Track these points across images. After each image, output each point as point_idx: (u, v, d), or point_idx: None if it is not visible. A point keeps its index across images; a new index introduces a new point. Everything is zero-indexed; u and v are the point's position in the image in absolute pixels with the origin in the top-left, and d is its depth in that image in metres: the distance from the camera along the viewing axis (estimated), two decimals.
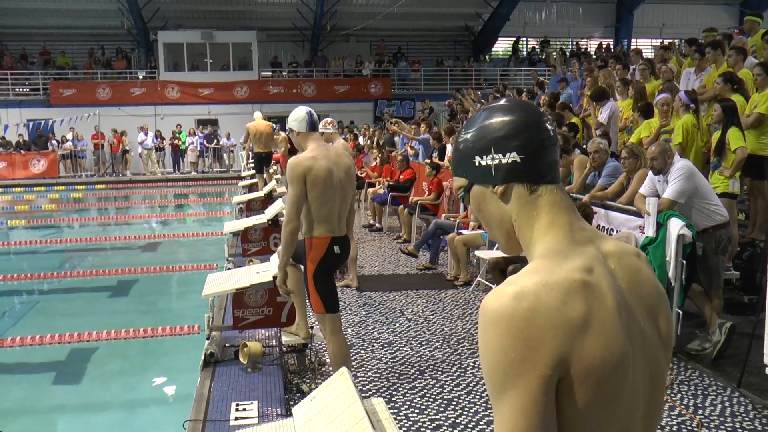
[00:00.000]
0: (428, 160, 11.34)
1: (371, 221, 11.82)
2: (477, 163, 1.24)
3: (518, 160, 1.21)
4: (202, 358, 5.00)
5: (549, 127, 1.25)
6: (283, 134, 14.76)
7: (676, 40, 16.77)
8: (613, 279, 1.16)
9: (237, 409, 4.17)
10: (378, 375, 5.02)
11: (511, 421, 1.05)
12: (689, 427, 4.05)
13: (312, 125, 4.20)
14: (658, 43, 19.40)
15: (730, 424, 4.09)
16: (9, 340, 6.60)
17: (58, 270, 10.12)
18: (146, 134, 23.69)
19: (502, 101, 1.29)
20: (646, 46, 25.63)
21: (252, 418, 4.05)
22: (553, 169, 1.24)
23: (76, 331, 6.69)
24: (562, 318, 1.06)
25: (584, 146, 7.95)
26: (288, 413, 3.92)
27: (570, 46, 29.00)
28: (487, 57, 30.30)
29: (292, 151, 14.43)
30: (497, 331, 1.07)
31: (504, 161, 1.22)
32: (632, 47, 23.54)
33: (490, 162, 1.23)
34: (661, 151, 5.30)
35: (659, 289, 1.26)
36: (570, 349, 1.06)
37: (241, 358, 4.91)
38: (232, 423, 3.99)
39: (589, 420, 1.09)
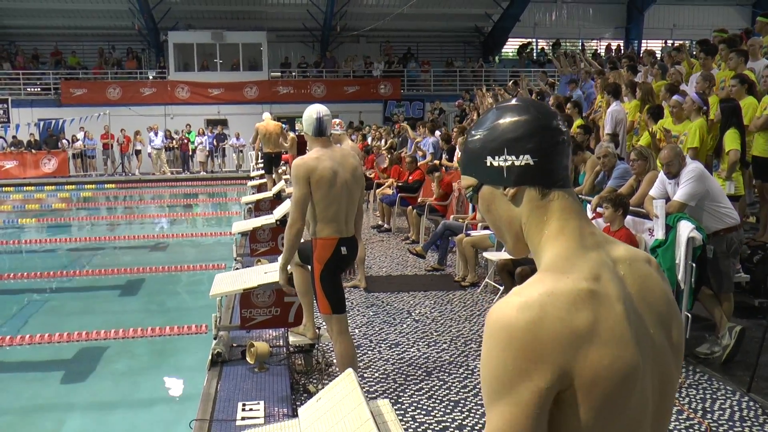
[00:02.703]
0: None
1: (380, 222, 11.81)
2: (489, 164, 1.22)
3: (531, 163, 1.19)
4: (210, 357, 5.01)
5: (563, 129, 1.23)
6: (292, 134, 14.78)
7: (687, 42, 16.66)
8: (623, 286, 1.15)
9: (244, 409, 4.17)
10: (385, 376, 5.01)
11: (500, 429, 1.05)
12: None
13: (320, 131, 4.17)
14: (669, 44, 19.31)
15: (739, 429, 4.06)
16: (19, 338, 6.64)
17: (68, 269, 10.17)
18: (156, 134, 23.79)
19: (514, 101, 1.26)
20: (656, 47, 25.47)
21: (258, 418, 4.05)
22: (566, 174, 1.23)
23: (85, 329, 6.72)
24: (567, 329, 1.05)
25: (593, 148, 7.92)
26: (294, 414, 3.92)
27: (579, 46, 28.86)
28: (497, 58, 30.24)
29: (301, 151, 14.45)
30: (499, 342, 1.06)
31: (517, 163, 1.19)
32: (643, 48, 23.43)
33: (502, 163, 1.21)
34: (675, 155, 5.27)
35: (669, 296, 1.24)
36: (573, 361, 1.05)
37: (248, 358, 4.91)
38: (238, 423, 3.99)
39: (596, 429, 1.08)
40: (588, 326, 1.06)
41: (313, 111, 4.19)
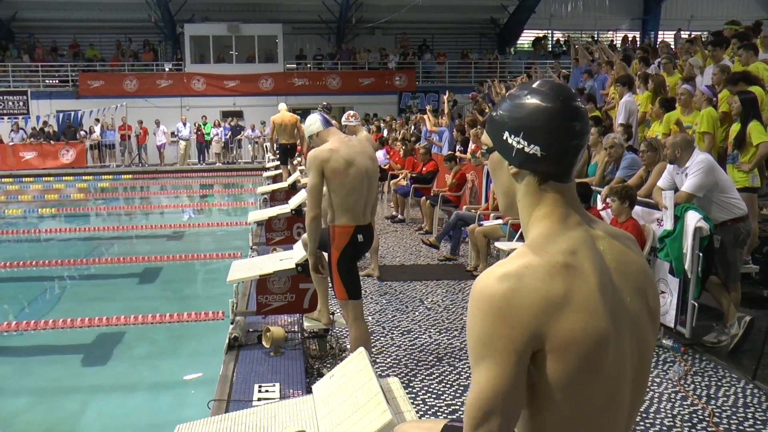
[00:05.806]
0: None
1: (394, 213, 11.92)
2: (504, 137, 1.31)
3: (539, 155, 1.27)
4: (227, 341, 5.16)
5: (582, 132, 1.28)
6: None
7: (702, 33, 16.55)
8: (601, 259, 1.26)
9: (260, 391, 4.32)
10: (397, 361, 5.14)
11: (483, 384, 1.21)
12: (700, 416, 4.11)
13: (326, 122, 4.37)
14: (686, 36, 19.17)
15: (742, 415, 4.13)
16: (42, 323, 6.82)
17: (87, 257, 10.37)
18: (185, 125, 24.02)
19: (548, 86, 1.30)
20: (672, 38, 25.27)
21: (274, 399, 4.19)
22: (570, 172, 1.31)
23: (105, 315, 6.89)
24: (542, 297, 1.18)
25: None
26: (309, 393, 4.05)
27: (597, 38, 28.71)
28: (512, 50, 30.17)
29: None
30: (480, 308, 1.21)
31: (527, 150, 1.28)
32: (659, 40, 23.28)
33: (515, 144, 1.29)
34: (675, 143, 5.32)
35: (645, 267, 1.36)
36: (546, 326, 1.18)
37: (264, 343, 5.06)
38: (255, 403, 4.13)
39: (573, 387, 1.20)
40: (561, 295, 1.19)
41: (310, 116, 4.42)
